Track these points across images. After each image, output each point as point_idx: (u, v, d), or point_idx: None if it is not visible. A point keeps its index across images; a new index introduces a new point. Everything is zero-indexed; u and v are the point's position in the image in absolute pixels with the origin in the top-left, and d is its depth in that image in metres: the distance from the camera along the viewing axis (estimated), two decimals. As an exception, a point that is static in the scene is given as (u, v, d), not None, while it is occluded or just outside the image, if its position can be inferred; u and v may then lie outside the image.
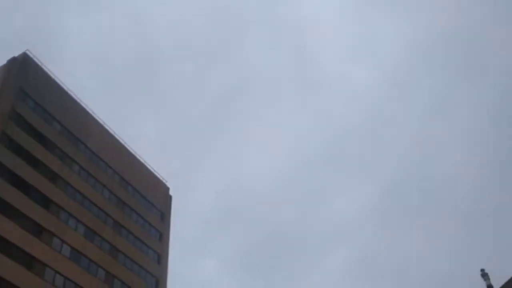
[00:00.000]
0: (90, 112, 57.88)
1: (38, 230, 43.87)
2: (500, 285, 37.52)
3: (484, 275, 40.13)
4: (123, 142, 61.82)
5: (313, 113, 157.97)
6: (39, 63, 52.84)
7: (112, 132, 60.52)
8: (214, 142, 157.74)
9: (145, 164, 64.88)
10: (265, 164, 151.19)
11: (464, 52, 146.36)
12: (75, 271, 45.96)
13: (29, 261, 41.73)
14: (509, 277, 37.47)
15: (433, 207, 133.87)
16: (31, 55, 52.08)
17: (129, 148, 62.64)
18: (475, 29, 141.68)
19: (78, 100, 56.55)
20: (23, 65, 50.27)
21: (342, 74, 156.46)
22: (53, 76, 54.11)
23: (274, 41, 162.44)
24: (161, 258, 60.30)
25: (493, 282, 38.62)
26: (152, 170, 65.80)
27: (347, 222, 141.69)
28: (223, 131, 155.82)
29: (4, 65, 49.66)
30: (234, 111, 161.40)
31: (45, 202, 45.99)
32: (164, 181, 67.60)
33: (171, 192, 68.62)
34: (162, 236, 62.56)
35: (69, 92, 55.53)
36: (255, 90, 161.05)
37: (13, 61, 49.74)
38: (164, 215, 64.73)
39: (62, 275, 44.26)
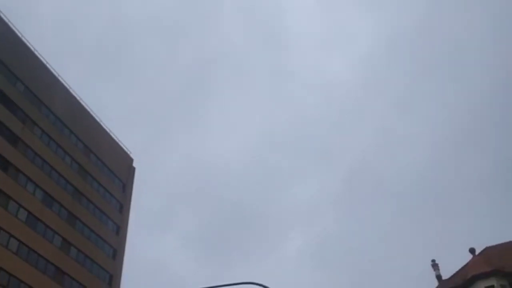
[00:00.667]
0: (57, 76, 56.36)
1: (-6, 192, 42.75)
2: (450, 275, 38.94)
3: (435, 265, 41.67)
4: (89, 110, 60.58)
5: (283, 98, 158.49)
6: (7, 20, 50.90)
7: (79, 99, 59.19)
8: (182, 118, 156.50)
9: (110, 133, 63.87)
10: (232, 144, 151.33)
11: (435, 47, 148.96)
12: (30, 236, 45.10)
13: (-17, 223, 40.68)
14: (458, 268, 38.91)
15: (390, 198, 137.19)
16: (-2, 11, 50.07)
17: (95, 116, 61.47)
18: (448, 24, 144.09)
19: (46, 63, 54.95)
20: (-11, 20, 48.33)
21: (315, 62, 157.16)
22: (20, 35, 52.28)
23: (248, 24, 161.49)
24: (120, 229, 59.82)
25: (443, 272, 40.16)
26: (117, 140, 64.86)
27: (308, 207, 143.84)
28: (192, 108, 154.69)
29: (-32, 19, 47.62)
30: (204, 88, 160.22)
31: (3, 164, 44.74)
32: (128, 152, 66.83)
33: (135, 164, 67.91)
34: (123, 207, 61.99)
35: (36, 53, 53.85)
36: (226, 70, 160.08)
37: (-22, 15, 47.71)
38: (126, 186, 64.08)
39: (16, 239, 43.36)
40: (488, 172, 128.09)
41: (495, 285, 32.66)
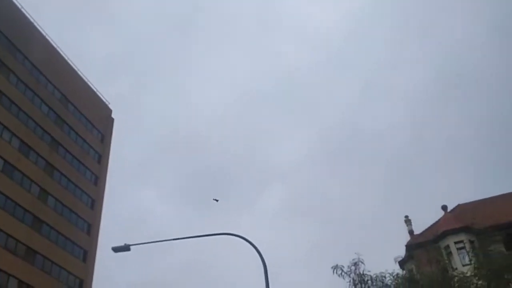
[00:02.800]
0: (34, 22, 54.45)
1: (-31, 139, 42.03)
2: (421, 230, 40.21)
3: (407, 221, 42.97)
4: (66, 58, 59.06)
5: (267, 52, 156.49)
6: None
7: (56, 46, 57.55)
8: (164, 68, 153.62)
9: (89, 83, 62.65)
10: (213, 95, 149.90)
11: (420, 9, 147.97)
12: (7, 184, 44.79)
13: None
14: (430, 224, 40.15)
15: (369, 156, 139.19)
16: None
17: (72, 65, 60.02)
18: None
19: (21, 8, 52.91)
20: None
21: (302, 16, 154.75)
22: (-7, -23, 50.04)
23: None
24: (98, 180, 59.74)
25: (416, 228, 41.48)
26: (95, 90, 63.75)
27: (289, 163, 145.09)
28: (174, 58, 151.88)
29: None
30: (188, 38, 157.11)
31: (-22, 111, 43.80)
32: (106, 102, 65.85)
33: (115, 116, 67.17)
34: (101, 158, 61.68)
35: (10, -4, 51.71)
36: (212, 20, 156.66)
37: None
38: (104, 137, 63.56)
39: (-7, 187, 43.05)
40: (465, 132, 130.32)
41: (464, 240, 33.90)
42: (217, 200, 40.04)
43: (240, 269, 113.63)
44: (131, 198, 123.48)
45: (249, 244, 17.00)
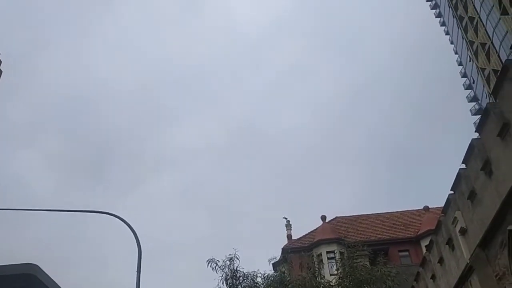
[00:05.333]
0: None
1: None
2: (301, 235, 41.84)
3: (288, 225, 44.51)
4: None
5: (189, 35, 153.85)
6: None
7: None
8: (68, 27, 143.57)
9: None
10: (120, 69, 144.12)
11: (334, 26, 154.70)
12: None
13: None
14: (309, 231, 41.89)
15: (268, 155, 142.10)
16: None
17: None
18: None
19: None
20: None
21: (225, 9, 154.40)
22: None
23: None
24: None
25: (296, 233, 43.06)
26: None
27: (186, 150, 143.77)
28: (84, 18, 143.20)
29: None
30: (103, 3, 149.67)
31: None
32: (-1, 54, 60.44)
33: (5, 69, 61.74)
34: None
35: None
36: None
37: None
38: (-10, 91, 58.35)
39: None
40: (364, 145, 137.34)
41: (336, 250, 35.86)
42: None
43: (116, 252, 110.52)
44: (13, 159, 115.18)
45: (126, 226, 16.52)
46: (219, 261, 26.13)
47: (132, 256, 16.36)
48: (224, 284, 26.14)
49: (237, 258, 26.08)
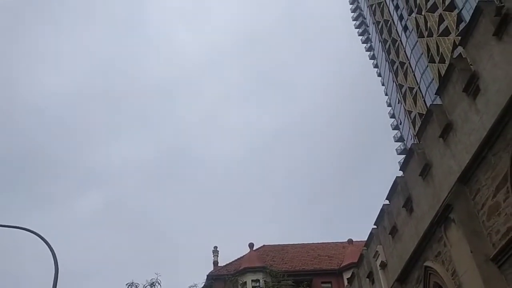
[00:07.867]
0: None
1: None
2: (227, 262, 41.46)
3: (215, 251, 44.01)
4: None
5: (131, 55, 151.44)
6: None
7: None
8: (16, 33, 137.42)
9: None
10: (59, 79, 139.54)
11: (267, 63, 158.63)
12: None
13: None
14: (236, 258, 41.63)
15: (200, 180, 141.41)
16: None
17: None
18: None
19: None
20: None
21: (168, 33, 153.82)
22: None
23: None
24: None
25: (223, 260, 42.55)
26: None
27: (115, 169, 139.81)
28: (34, 22, 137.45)
29: None
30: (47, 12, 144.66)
31: None
32: None
33: None
34: None
35: None
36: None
37: None
38: None
39: None
40: (292, 179, 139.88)
41: (260, 279, 35.80)
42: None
43: (30, 271, 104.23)
44: None
45: (44, 243, 15.68)
46: (138, 285, 25.32)
47: (48, 276, 15.54)
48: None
49: (159, 283, 25.39)
